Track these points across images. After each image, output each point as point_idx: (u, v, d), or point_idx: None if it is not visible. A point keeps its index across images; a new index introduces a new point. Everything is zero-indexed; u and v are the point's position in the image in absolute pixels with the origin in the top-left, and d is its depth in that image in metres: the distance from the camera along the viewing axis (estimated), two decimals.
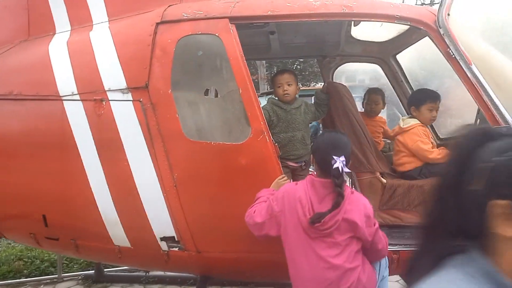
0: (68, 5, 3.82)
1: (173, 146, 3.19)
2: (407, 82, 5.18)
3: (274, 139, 3.31)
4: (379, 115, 5.04)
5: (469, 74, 3.09)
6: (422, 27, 3.20)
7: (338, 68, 5.48)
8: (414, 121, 3.62)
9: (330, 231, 2.46)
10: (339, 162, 2.42)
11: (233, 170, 3.13)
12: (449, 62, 3.17)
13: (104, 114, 3.28)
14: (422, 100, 3.63)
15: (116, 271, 5.69)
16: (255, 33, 4.74)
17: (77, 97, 3.34)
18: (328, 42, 5.08)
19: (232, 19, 3.22)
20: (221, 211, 3.18)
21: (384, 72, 5.26)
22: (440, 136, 5.01)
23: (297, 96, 3.79)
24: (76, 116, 3.33)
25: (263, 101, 4.23)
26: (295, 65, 18.89)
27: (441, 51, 3.19)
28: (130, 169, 3.24)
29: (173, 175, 3.19)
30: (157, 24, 3.30)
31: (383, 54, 5.11)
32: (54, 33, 3.78)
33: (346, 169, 2.44)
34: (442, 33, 3.13)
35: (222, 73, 3.20)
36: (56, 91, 3.38)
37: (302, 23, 4.31)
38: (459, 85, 5.02)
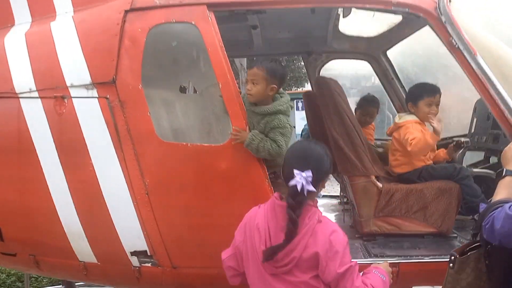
0: None
1: (145, 149, 2.82)
2: (398, 79, 4.90)
3: None
4: None
5: (474, 66, 2.79)
6: (421, 14, 2.89)
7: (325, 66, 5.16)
8: (410, 117, 3.31)
9: (288, 268, 1.97)
10: (299, 178, 1.91)
11: (212, 175, 2.77)
12: (451, 53, 2.87)
13: (66, 113, 2.89)
14: (419, 95, 3.33)
15: (89, 285, 5.27)
16: (236, 27, 4.39)
17: (35, 94, 2.95)
18: (314, 37, 4.78)
19: (210, 5, 2.87)
20: (199, 222, 2.82)
21: (374, 69, 4.97)
22: None
23: (278, 105, 2.79)
24: (35, 115, 2.94)
25: None
26: None
27: (442, 41, 2.89)
28: (95, 175, 2.86)
29: (145, 181, 2.82)
30: (126, 11, 2.93)
31: (373, 50, 4.82)
32: (13, 25, 3.37)
33: (309, 187, 1.91)
34: (443, 20, 2.83)
35: (200, 66, 2.85)
36: (12, 88, 2.98)
37: (287, 15, 4.05)
38: (453, 82, 4.80)
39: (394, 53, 4.89)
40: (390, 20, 4.34)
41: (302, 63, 18.74)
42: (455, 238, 3.21)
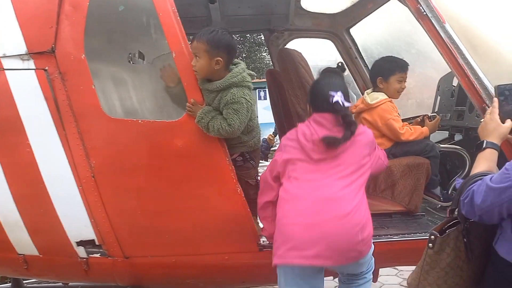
0: None
1: (89, 126, 2.53)
2: (362, 58, 4.75)
3: None
4: None
5: (442, 34, 2.65)
6: None
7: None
8: (382, 96, 3.15)
9: (337, 153, 2.26)
10: (338, 96, 2.27)
11: (167, 154, 2.52)
12: (419, 21, 2.72)
13: None
14: (391, 70, 3.17)
15: (38, 282, 4.89)
16: (193, 2, 4.15)
17: None
18: (276, 14, 4.56)
19: None
20: (153, 206, 2.56)
21: (337, 48, 4.80)
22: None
23: (231, 77, 2.47)
24: None
25: None
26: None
27: (410, 9, 2.73)
28: (34, 157, 2.55)
29: (90, 163, 2.53)
30: None
31: (336, 27, 4.65)
32: None
33: (347, 103, 2.30)
34: None
35: (150, 33, 2.57)
36: None
37: None
38: (418, 61, 4.72)
39: (358, 31, 4.75)
40: None
41: (264, 54, 18.76)
42: (423, 216, 3.10)
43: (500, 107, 1.86)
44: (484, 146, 1.83)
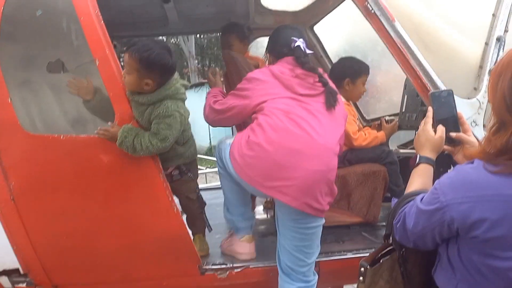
0: None
1: (7, 144, 2.30)
2: (327, 56, 4.55)
3: None
4: None
5: (392, 33, 2.45)
6: None
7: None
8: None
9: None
10: (300, 42, 2.41)
11: (92, 172, 2.30)
12: (367, 20, 2.52)
13: None
14: (359, 72, 3.01)
15: None
16: (148, 2, 3.92)
17: None
18: (236, 13, 4.33)
19: None
20: (81, 229, 2.34)
21: None
22: (366, 117, 4.46)
23: (164, 90, 2.27)
24: None
25: (193, 94, 3.28)
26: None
27: (358, 7, 2.53)
28: None
29: (9, 184, 2.30)
30: None
31: (299, 25, 4.42)
32: None
33: (308, 50, 2.46)
34: None
35: (71, 39, 2.33)
36: None
37: None
38: (385, 59, 4.52)
39: (322, 29, 4.54)
40: None
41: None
42: (383, 227, 2.90)
43: (436, 116, 1.66)
44: (417, 161, 1.63)
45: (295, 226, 2.31)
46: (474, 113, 2.35)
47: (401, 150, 3.14)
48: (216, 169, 2.83)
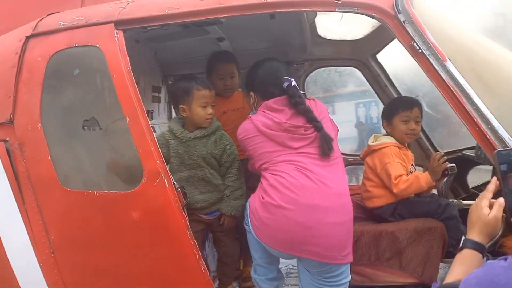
0: None
1: (47, 199, 2.38)
2: (393, 86, 4.23)
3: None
4: None
5: (443, 75, 2.17)
6: (375, 14, 2.30)
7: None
8: (387, 139, 2.70)
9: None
10: (293, 81, 2.34)
11: (123, 228, 2.29)
12: (415, 59, 2.26)
13: None
14: (393, 110, 2.73)
15: None
16: (203, 42, 3.95)
17: None
18: (292, 45, 4.21)
19: (118, 23, 2.40)
20: (111, 283, 2.33)
21: (364, 76, 4.34)
22: (440, 150, 4.06)
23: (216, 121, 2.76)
24: None
25: None
26: None
27: (403, 45, 2.28)
28: None
29: (49, 237, 2.37)
30: (27, 38, 2.51)
31: (360, 54, 4.20)
32: None
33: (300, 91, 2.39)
34: (402, 20, 2.23)
35: (105, 97, 2.37)
36: None
37: (253, 23, 3.54)
38: None
39: (386, 57, 4.26)
40: (373, 20, 3.74)
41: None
42: None
43: (504, 182, 1.36)
44: (461, 245, 1.37)
45: (322, 277, 2.24)
46: None
47: (465, 202, 2.76)
48: None
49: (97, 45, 2.36)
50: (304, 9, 2.34)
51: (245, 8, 2.37)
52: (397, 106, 2.71)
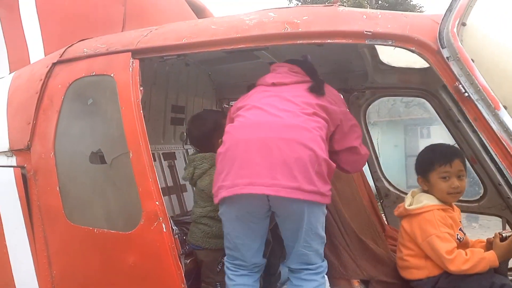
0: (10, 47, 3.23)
1: (53, 231, 2.32)
2: (468, 122, 3.67)
3: None
4: None
5: (494, 126, 1.74)
6: (412, 47, 1.92)
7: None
8: (428, 200, 2.23)
9: None
10: None
11: (118, 271, 2.14)
12: (460, 104, 1.85)
13: None
14: (428, 164, 2.25)
15: None
16: (257, 66, 3.77)
17: None
18: (353, 72, 3.87)
19: (136, 52, 2.29)
20: None
21: (434, 108, 3.82)
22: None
23: None
24: None
25: None
26: None
27: (446, 85, 1.88)
28: (9, 260, 2.43)
29: (52, 272, 2.29)
30: (53, 64, 2.50)
31: (429, 84, 3.70)
32: None
33: None
34: (446, 56, 1.83)
35: (113, 129, 2.25)
36: None
37: (307, 48, 3.30)
38: None
39: None
40: None
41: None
42: None
43: None
44: None
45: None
46: None
47: None
48: None
49: (112, 75, 2.26)
50: (329, 40, 2.03)
51: (263, 39, 2.13)
52: (432, 159, 2.24)
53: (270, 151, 1.90)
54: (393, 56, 3.67)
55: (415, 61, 3.71)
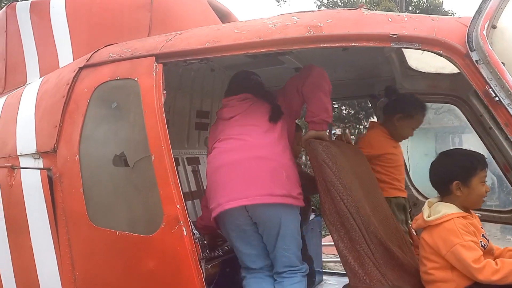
0: (40, 53, 3.31)
1: (76, 233, 2.35)
2: (500, 129, 3.55)
3: None
4: None
5: None
6: (440, 51, 1.86)
7: None
8: (447, 208, 2.13)
9: None
10: None
11: (137, 275, 2.15)
12: (491, 109, 1.79)
13: (15, 185, 2.59)
14: (470, 169, 2.17)
15: None
16: (283, 71, 3.76)
17: None
18: (380, 77, 3.81)
19: (159, 57, 2.30)
20: None
21: (464, 114, 3.72)
22: None
23: None
24: None
25: None
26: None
27: (476, 90, 1.81)
28: (34, 260, 2.47)
29: (75, 273, 2.32)
30: (80, 69, 2.54)
31: (458, 89, 3.61)
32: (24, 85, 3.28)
33: None
34: (475, 59, 1.77)
35: (136, 133, 2.27)
36: None
37: (333, 53, 3.27)
38: None
39: None
40: None
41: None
42: None
43: None
44: None
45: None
46: None
47: None
48: None
49: (136, 79, 2.28)
50: (353, 44, 1.98)
51: (286, 43, 2.11)
52: (475, 165, 2.15)
53: (243, 169, 2.26)
54: (421, 61, 3.60)
55: (444, 67, 3.63)
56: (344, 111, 16.32)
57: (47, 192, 2.43)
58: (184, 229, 2.02)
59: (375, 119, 4.36)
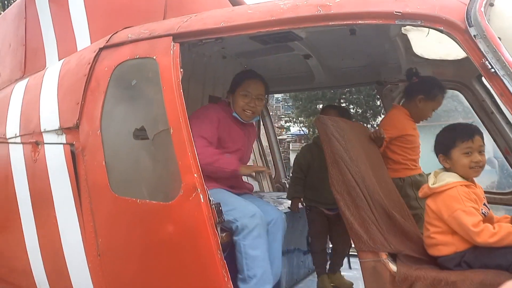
0: (59, 38, 3.45)
1: (99, 203, 2.49)
2: (501, 113, 3.68)
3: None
4: None
5: None
6: (441, 27, 1.99)
7: None
8: (451, 177, 2.28)
9: None
10: None
11: (158, 241, 2.28)
12: (487, 81, 1.91)
13: (39, 160, 2.75)
14: (450, 142, 2.30)
15: None
16: (291, 58, 3.89)
17: (19, 139, 2.89)
18: (386, 65, 3.93)
19: (176, 36, 2.44)
20: None
21: (467, 100, 3.84)
22: None
23: None
24: (17, 161, 2.87)
25: None
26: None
27: (474, 63, 1.94)
28: (58, 232, 2.63)
29: (97, 241, 2.47)
30: (100, 49, 2.69)
31: (463, 76, 3.73)
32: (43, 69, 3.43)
33: None
34: (473, 34, 1.90)
35: (155, 108, 2.41)
36: (4, 133, 2.97)
37: (341, 40, 3.39)
38: None
39: None
40: None
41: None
42: None
43: None
44: None
45: None
46: None
47: None
48: None
49: (154, 57, 2.42)
50: (360, 21, 2.11)
51: (297, 21, 2.24)
52: (454, 137, 2.29)
53: None
54: (426, 48, 3.71)
55: (448, 53, 3.75)
56: (351, 110, 16.33)
57: (70, 166, 2.58)
58: (201, 196, 2.16)
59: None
